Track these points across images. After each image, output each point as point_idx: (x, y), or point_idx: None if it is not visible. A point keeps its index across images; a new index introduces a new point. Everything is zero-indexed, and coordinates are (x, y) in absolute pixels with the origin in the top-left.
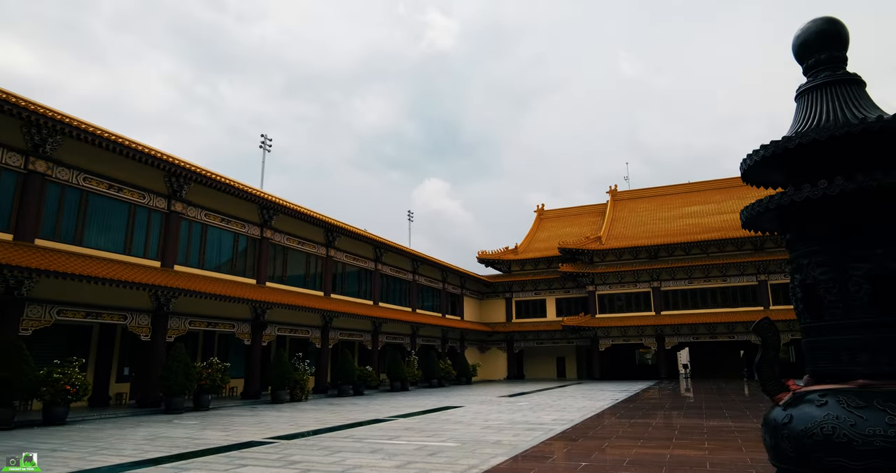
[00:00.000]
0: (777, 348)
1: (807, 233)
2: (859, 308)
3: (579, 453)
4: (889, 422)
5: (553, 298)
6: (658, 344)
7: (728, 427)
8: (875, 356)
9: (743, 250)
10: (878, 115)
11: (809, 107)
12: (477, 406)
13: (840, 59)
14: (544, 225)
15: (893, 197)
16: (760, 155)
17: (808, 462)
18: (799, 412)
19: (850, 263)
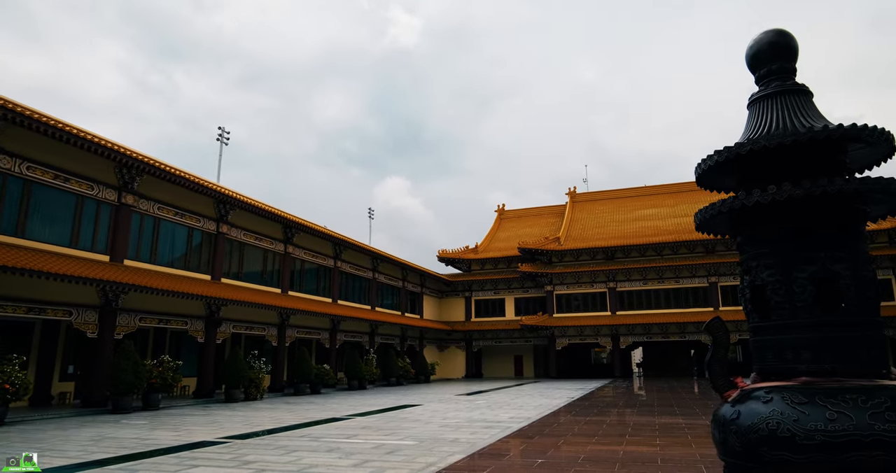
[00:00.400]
0: (727, 347)
1: (756, 236)
2: (803, 308)
3: (536, 450)
4: (829, 417)
5: (512, 297)
6: (613, 344)
7: (679, 424)
8: (817, 354)
9: (695, 253)
10: (824, 125)
11: (760, 115)
12: (435, 405)
13: (790, 69)
14: (504, 224)
15: (836, 203)
16: (714, 160)
17: (755, 456)
18: (746, 408)
19: (795, 266)
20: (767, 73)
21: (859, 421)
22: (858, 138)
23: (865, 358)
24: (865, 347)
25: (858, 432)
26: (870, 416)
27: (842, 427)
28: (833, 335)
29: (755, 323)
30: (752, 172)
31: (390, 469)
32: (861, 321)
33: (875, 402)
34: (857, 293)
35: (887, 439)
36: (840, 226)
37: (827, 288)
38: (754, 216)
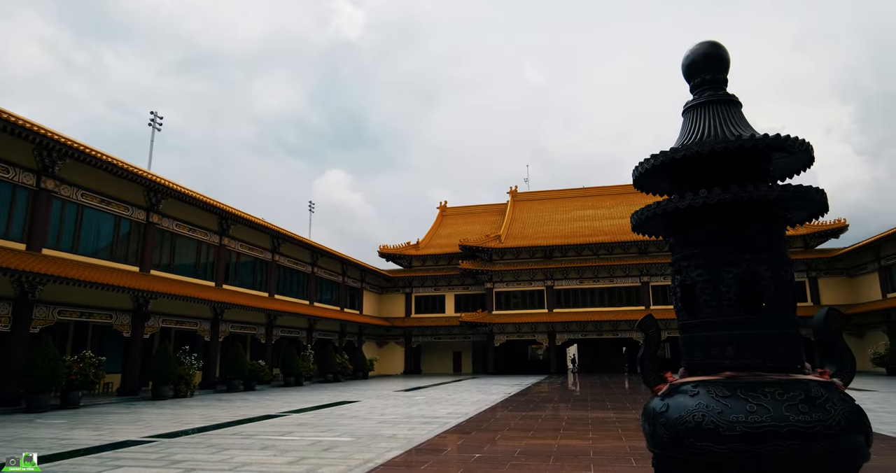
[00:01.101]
0: (658, 343)
1: (688, 238)
2: (729, 307)
3: (473, 445)
4: (749, 410)
5: (452, 294)
6: (550, 341)
7: (610, 419)
8: (740, 350)
9: (629, 253)
10: (751, 134)
11: (694, 123)
12: (373, 401)
13: (722, 80)
14: (446, 221)
15: (760, 208)
16: (650, 163)
17: (681, 447)
18: (674, 402)
19: (722, 266)
20: (701, 83)
21: (776, 413)
22: (782, 148)
23: (783, 354)
24: (783, 344)
25: (775, 423)
26: (785, 408)
27: (760, 419)
28: (755, 332)
29: (684, 320)
30: (685, 176)
31: (326, 465)
32: (780, 319)
33: (790, 395)
34: (776, 293)
35: (800, 429)
36: (763, 230)
37: (750, 289)
38: (687, 218)
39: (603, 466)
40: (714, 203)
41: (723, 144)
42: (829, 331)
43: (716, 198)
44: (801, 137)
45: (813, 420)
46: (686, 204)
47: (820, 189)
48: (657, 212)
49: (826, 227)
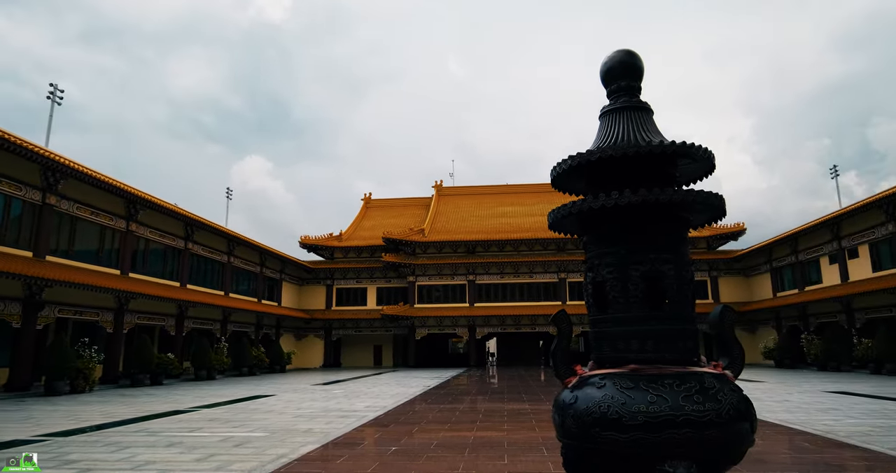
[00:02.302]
0: (570, 337)
1: (600, 237)
2: (635, 303)
3: (390, 438)
4: (650, 400)
5: (374, 287)
6: (470, 334)
7: (525, 410)
8: (643, 344)
9: (548, 250)
10: (660, 141)
11: (609, 127)
12: (290, 395)
13: (636, 88)
14: (370, 213)
15: (666, 210)
16: (567, 164)
17: (588, 436)
18: (583, 393)
19: (630, 265)
20: (617, 89)
21: (674, 403)
22: (687, 154)
23: (682, 348)
24: (682, 338)
25: (673, 412)
26: (682, 398)
27: (660, 409)
28: (657, 327)
29: (595, 316)
30: (599, 178)
31: (238, 462)
32: (681, 316)
33: (687, 386)
34: (678, 291)
35: (694, 418)
36: (668, 232)
37: (655, 286)
38: (599, 218)
39: (516, 456)
40: (624, 204)
41: (634, 149)
42: (722, 327)
43: (626, 200)
44: (704, 146)
45: (706, 410)
46: (599, 204)
47: (719, 195)
48: (572, 211)
49: (727, 230)
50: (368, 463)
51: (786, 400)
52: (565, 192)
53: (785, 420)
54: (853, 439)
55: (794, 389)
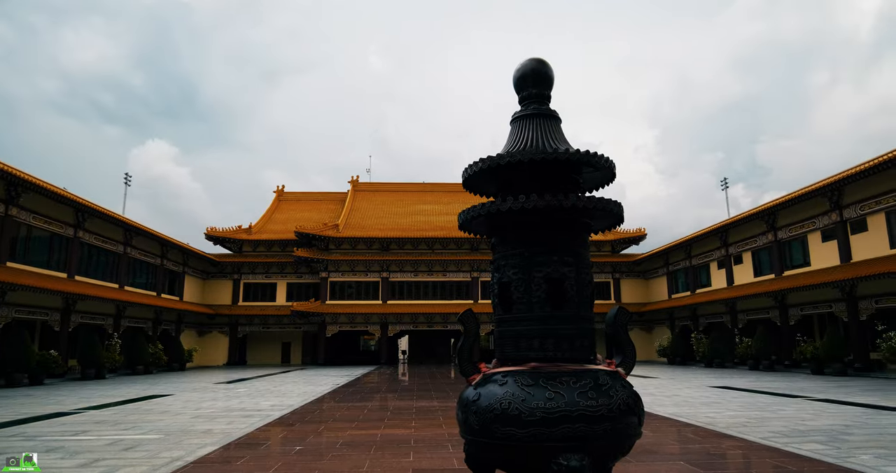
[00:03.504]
0: (476, 335)
1: (507, 239)
2: (537, 304)
3: (295, 437)
4: (548, 397)
5: (285, 282)
6: (382, 332)
7: (433, 407)
8: (544, 343)
9: (462, 249)
10: (566, 148)
11: (520, 132)
12: (189, 394)
13: (546, 96)
14: (283, 206)
15: (569, 215)
16: (478, 167)
17: (489, 432)
18: (486, 390)
19: (534, 267)
20: (528, 96)
21: (570, 399)
22: (590, 163)
23: (579, 346)
24: (580, 337)
25: (568, 408)
26: (577, 394)
27: (557, 405)
28: (558, 327)
29: (500, 315)
30: (508, 181)
31: (126, 466)
32: (579, 316)
33: (582, 383)
34: (578, 292)
35: (588, 413)
36: (570, 235)
37: (556, 288)
38: (507, 220)
39: (422, 453)
40: (530, 208)
41: (541, 155)
42: (617, 327)
43: (532, 204)
44: (606, 155)
45: (599, 405)
46: (506, 207)
47: (618, 202)
48: (481, 212)
49: (629, 235)
50: (271, 464)
51: (675, 395)
52: (476, 194)
53: (674, 413)
54: (731, 430)
55: (683, 384)
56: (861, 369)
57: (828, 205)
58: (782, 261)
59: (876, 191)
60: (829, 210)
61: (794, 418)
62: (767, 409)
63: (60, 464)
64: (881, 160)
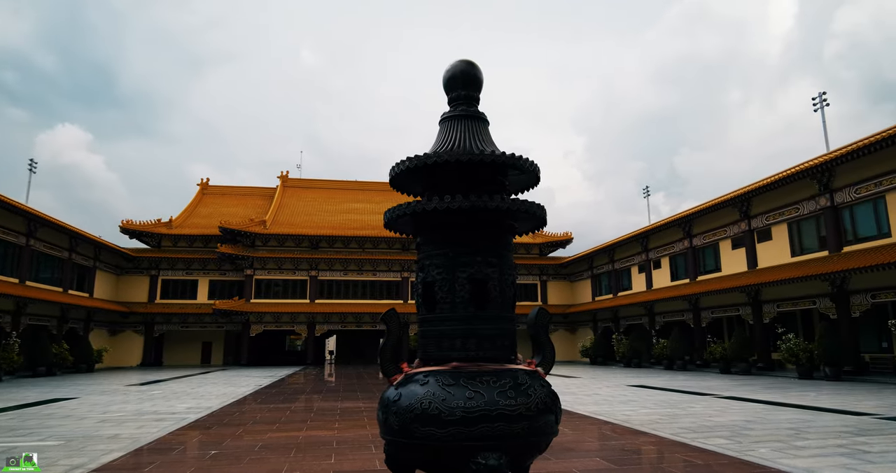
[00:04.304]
0: (399, 335)
1: (432, 239)
2: (461, 304)
3: (211, 441)
4: (468, 396)
5: (207, 279)
6: (309, 331)
7: (358, 408)
8: (466, 343)
9: (393, 249)
10: (492, 151)
11: (448, 133)
12: (96, 397)
13: (475, 98)
14: (207, 200)
15: (494, 217)
16: (405, 166)
17: (409, 433)
18: (407, 390)
19: (458, 267)
20: (457, 97)
21: (489, 398)
22: (516, 166)
23: (501, 346)
24: (502, 338)
25: (488, 407)
26: (497, 394)
27: (476, 404)
28: (480, 327)
29: (423, 315)
30: (435, 181)
31: None
32: (501, 316)
33: (502, 383)
34: (501, 293)
35: (507, 412)
36: (495, 237)
37: (480, 288)
38: (432, 220)
39: (344, 454)
40: (455, 208)
41: (468, 156)
42: (537, 327)
43: (457, 205)
44: (531, 159)
45: (517, 404)
46: (432, 207)
47: (541, 205)
48: (406, 211)
49: (557, 239)
50: (183, 470)
51: (596, 394)
52: (403, 193)
53: (593, 411)
54: (645, 426)
55: (604, 384)
56: (764, 368)
57: (738, 215)
58: (696, 267)
59: (780, 203)
60: (738, 219)
61: (703, 415)
62: (678, 407)
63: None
64: (783, 175)
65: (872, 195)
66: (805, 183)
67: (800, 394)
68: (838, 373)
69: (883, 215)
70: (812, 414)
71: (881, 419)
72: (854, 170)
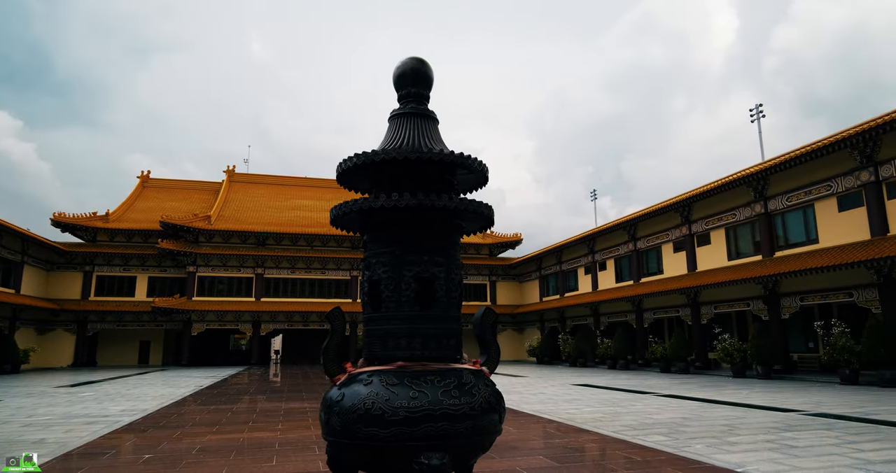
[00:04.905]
0: (343, 334)
1: (378, 237)
2: (406, 303)
3: (146, 445)
4: (412, 396)
5: (146, 276)
6: (254, 330)
7: (303, 409)
8: (411, 342)
9: (342, 247)
10: (441, 149)
11: (397, 130)
12: (21, 400)
13: (425, 96)
14: (148, 194)
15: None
16: (353, 162)
17: (350, 433)
18: (350, 390)
19: (405, 266)
20: (407, 95)
21: (433, 398)
22: (464, 165)
23: (445, 345)
24: (446, 337)
25: (432, 407)
26: (441, 393)
27: (420, 404)
28: (425, 326)
29: (369, 314)
30: (382, 179)
31: None
32: (447, 316)
33: (446, 382)
34: (447, 292)
35: (451, 411)
36: (442, 236)
37: (426, 287)
38: (379, 218)
39: (286, 456)
40: (403, 206)
41: (416, 154)
42: (483, 327)
43: (404, 203)
44: (479, 159)
45: (461, 403)
46: (378, 204)
47: (489, 205)
48: (353, 208)
49: (506, 240)
50: None
51: (541, 393)
52: (351, 190)
53: (538, 410)
54: (588, 424)
55: (549, 383)
56: (701, 367)
57: (679, 220)
58: (640, 269)
59: (718, 209)
60: (680, 224)
61: (643, 412)
62: (620, 405)
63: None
64: (721, 182)
65: (802, 203)
66: (742, 190)
67: (733, 392)
68: (769, 372)
69: (812, 222)
70: (744, 411)
71: (806, 415)
72: (786, 179)
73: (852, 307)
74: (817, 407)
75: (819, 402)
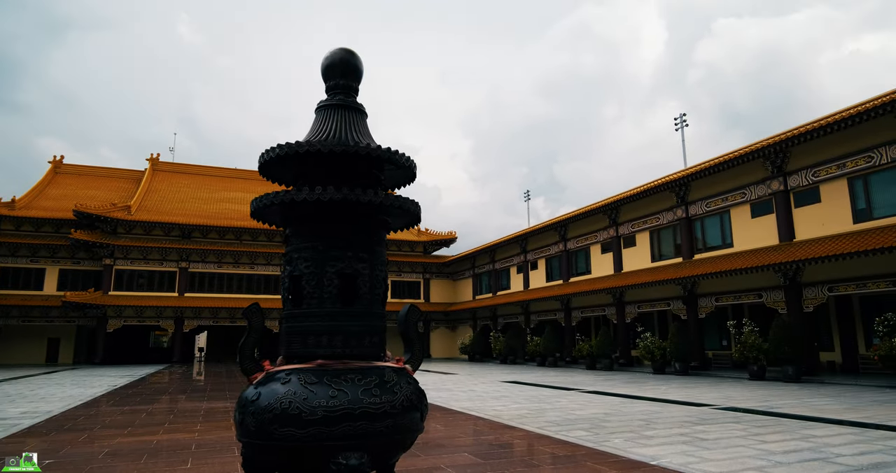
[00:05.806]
0: (261, 331)
1: (301, 231)
2: (329, 299)
3: (46, 449)
4: (331, 395)
5: (56, 268)
6: (177, 327)
7: (225, 408)
8: (332, 340)
9: (273, 242)
10: (368, 143)
11: (324, 122)
12: None
13: (353, 88)
14: (61, 180)
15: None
16: (275, 153)
17: (265, 434)
18: (266, 389)
19: (328, 261)
20: (335, 86)
21: (353, 397)
22: (392, 160)
23: (368, 343)
24: (369, 335)
25: (351, 406)
26: (361, 392)
27: (339, 403)
28: (348, 323)
29: (289, 310)
30: (307, 171)
31: None
32: (370, 313)
33: (367, 380)
34: (371, 289)
35: (371, 410)
36: (367, 232)
37: (349, 284)
38: (302, 212)
39: (202, 459)
40: (326, 200)
41: (341, 147)
42: (408, 325)
43: (328, 197)
44: (407, 155)
45: (382, 402)
46: (301, 198)
47: (416, 202)
48: (274, 201)
49: (441, 237)
50: None
51: (471, 390)
52: (274, 181)
53: (467, 407)
54: (514, 421)
55: (479, 380)
56: (624, 364)
57: (607, 222)
58: (570, 269)
59: (643, 213)
60: (608, 226)
61: (567, 408)
62: (546, 401)
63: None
64: (646, 187)
65: (720, 209)
66: (665, 195)
67: (653, 388)
68: (686, 368)
69: (728, 227)
70: (661, 406)
71: (717, 409)
72: (706, 186)
73: (762, 307)
74: (727, 402)
75: (729, 397)
